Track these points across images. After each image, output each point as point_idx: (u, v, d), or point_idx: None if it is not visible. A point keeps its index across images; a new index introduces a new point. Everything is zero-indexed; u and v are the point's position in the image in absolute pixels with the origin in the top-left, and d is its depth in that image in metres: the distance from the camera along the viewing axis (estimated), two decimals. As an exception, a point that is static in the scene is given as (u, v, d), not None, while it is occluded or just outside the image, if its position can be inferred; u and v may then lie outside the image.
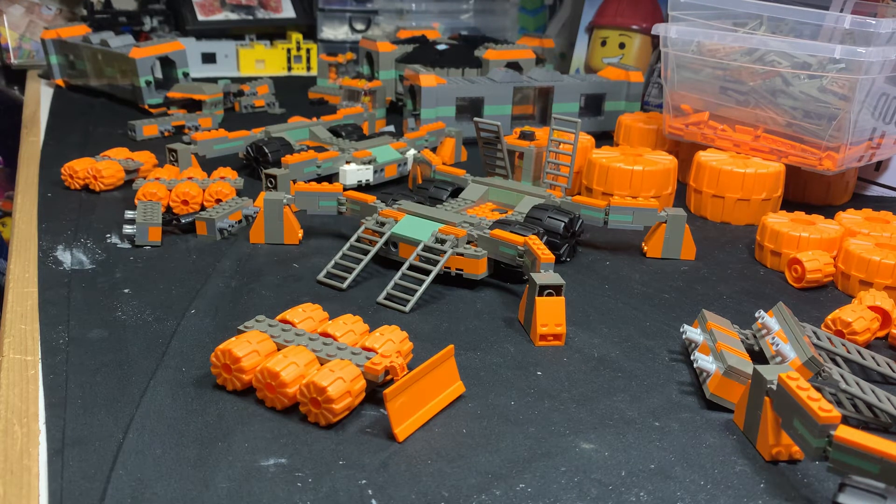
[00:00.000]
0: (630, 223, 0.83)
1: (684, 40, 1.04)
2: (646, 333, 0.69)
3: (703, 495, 0.49)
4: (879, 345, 0.71)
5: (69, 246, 0.81)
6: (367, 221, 0.80)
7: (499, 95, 1.25)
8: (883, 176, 1.11)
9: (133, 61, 1.33)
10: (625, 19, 1.51)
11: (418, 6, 1.81)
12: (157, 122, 1.23)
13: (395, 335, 0.60)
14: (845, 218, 0.88)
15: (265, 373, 0.54)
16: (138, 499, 0.46)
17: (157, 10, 1.74)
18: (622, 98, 1.32)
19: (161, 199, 0.89)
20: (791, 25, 0.99)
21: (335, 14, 1.78)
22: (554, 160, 0.89)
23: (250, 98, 1.42)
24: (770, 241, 0.84)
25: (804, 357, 0.58)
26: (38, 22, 1.74)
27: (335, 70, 1.58)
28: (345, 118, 1.22)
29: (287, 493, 0.47)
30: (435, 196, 0.90)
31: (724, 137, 1.05)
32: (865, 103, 0.94)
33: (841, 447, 0.45)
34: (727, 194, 0.96)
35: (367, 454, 0.51)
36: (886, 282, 0.76)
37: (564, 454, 0.52)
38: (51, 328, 0.65)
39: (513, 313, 0.71)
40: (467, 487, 0.48)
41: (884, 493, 0.43)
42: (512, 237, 0.74)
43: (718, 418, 0.57)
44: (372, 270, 0.78)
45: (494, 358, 0.64)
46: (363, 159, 1.01)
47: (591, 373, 0.62)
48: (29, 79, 1.62)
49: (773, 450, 0.52)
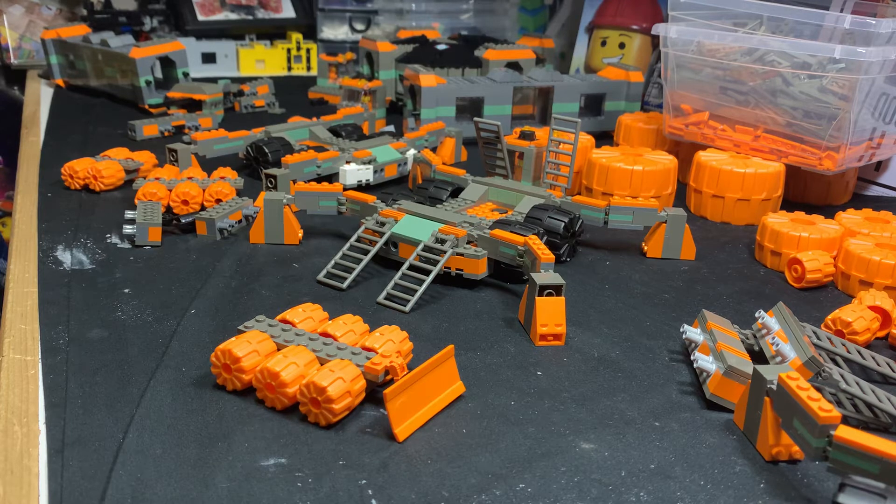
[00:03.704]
0: (630, 223, 0.83)
1: (684, 40, 1.04)
2: (646, 333, 0.69)
3: (703, 495, 0.49)
4: (879, 345, 0.71)
5: (69, 246, 0.81)
6: (367, 221, 0.80)
7: (499, 95, 1.25)
8: (883, 176, 1.11)
9: (133, 61, 1.33)
10: (625, 19, 1.51)
11: (418, 6, 1.81)
12: (157, 122, 1.23)
13: (396, 335, 0.60)
14: (845, 218, 0.88)
15: (265, 373, 0.54)
16: (138, 499, 0.46)
17: (157, 10, 1.74)
18: (622, 98, 1.32)
19: (161, 199, 0.89)
20: (791, 25, 0.99)
21: (335, 14, 1.78)
22: (554, 160, 0.89)
23: (250, 98, 1.42)
24: (770, 241, 0.84)
25: (804, 357, 0.58)
26: (38, 22, 1.74)
27: (335, 70, 1.58)
28: (345, 118, 1.22)
29: (287, 493, 0.47)
30: (435, 196, 0.90)
31: (724, 137, 1.05)
32: (865, 103, 0.94)
33: (841, 447, 0.45)
34: (727, 194, 0.96)
35: (367, 454, 0.51)
36: (886, 282, 0.76)
37: (564, 454, 0.52)
38: (51, 328, 0.65)
39: (513, 313, 0.71)
40: (467, 487, 0.48)
41: (884, 493, 0.43)
42: (512, 237, 0.74)
43: (718, 418, 0.57)
44: (372, 270, 0.78)
45: (494, 358, 0.64)
46: (363, 159, 1.01)
47: (591, 373, 0.62)
48: (29, 79, 1.62)
49: (773, 450, 0.52)
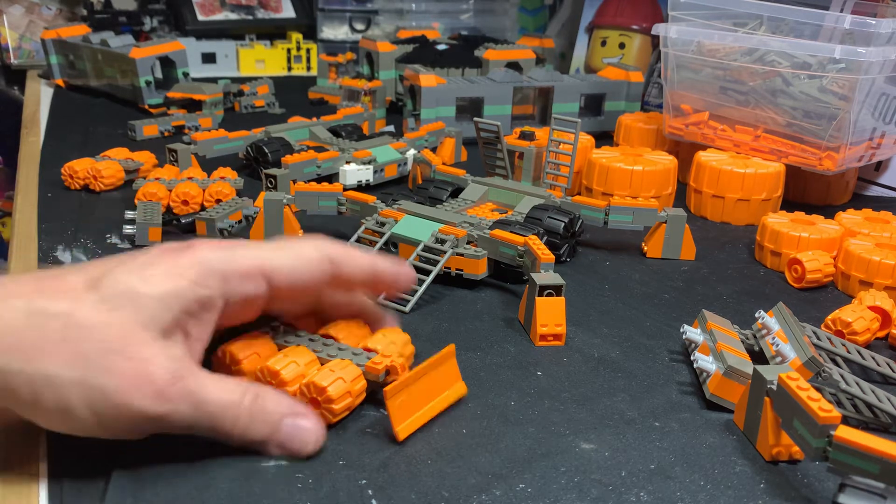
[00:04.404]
0: (630, 223, 0.83)
1: (684, 40, 1.04)
2: (646, 333, 0.69)
3: (704, 495, 0.49)
4: (879, 345, 0.71)
5: (69, 246, 0.81)
6: (367, 221, 0.80)
7: (499, 95, 1.25)
8: (883, 176, 1.11)
9: (133, 61, 1.33)
10: (625, 19, 1.51)
11: (418, 6, 1.81)
12: (157, 122, 1.23)
13: (398, 337, 0.60)
14: (845, 218, 0.88)
15: (265, 372, 0.54)
16: (138, 499, 0.46)
17: (157, 10, 1.74)
18: (622, 98, 1.32)
19: (161, 199, 0.89)
20: (791, 25, 0.99)
21: (335, 14, 1.78)
22: (554, 160, 0.89)
23: (250, 98, 1.42)
24: (770, 241, 0.84)
25: (804, 357, 0.58)
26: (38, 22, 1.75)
27: (335, 70, 1.58)
28: (345, 118, 1.22)
29: (287, 493, 0.47)
30: (435, 196, 0.90)
31: (724, 137, 1.05)
32: (865, 103, 0.94)
33: (841, 447, 0.45)
34: (727, 194, 0.96)
35: (367, 454, 0.51)
36: (886, 282, 0.76)
37: (564, 454, 0.52)
38: (51, 328, 0.64)
39: (513, 313, 0.71)
40: (467, 487, 0.48)
41: (884, 494, 0.43)
42: (512, 237, 0.74)
43: (718, 418, 0.57)
44: (372, 270, 0.78)
45: (494, 358, 0.64)
46: (363, 159, 1.01)
47: (591, 373, 0.62)
48: (29, 79, 1.62)
49: (774, 450, 0.52)
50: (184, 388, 0.46)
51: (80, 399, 0.44)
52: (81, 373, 0.44)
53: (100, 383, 0.44)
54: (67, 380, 0.44)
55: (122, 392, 0.44)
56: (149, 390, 0.45)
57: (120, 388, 0.44)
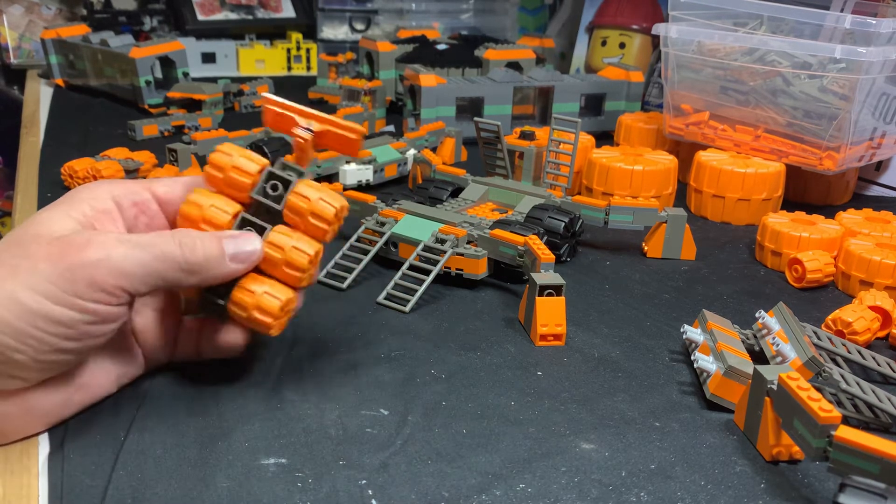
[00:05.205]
0: (630, 223, 0.83)
1: (684, 40, 1.04)
2: (646, 333, 0.69)
3: (704, 495, 0.49)
4: (880, 345, 0.71)
5: (69, 246, 0.81)
6: (367, 221, 0.80)
7: (499, 95, 1.25)
8: (883, 176, 1.11)
9: (133, 61, 1.33)
10: (625, 19, 1.51)
11: (418, 6, 1.81)
12: (157, 122, 1.23)
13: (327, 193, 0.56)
14: (846, 218, 0.88)
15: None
16: (138, 499, 0.46)
17: (157, 9, 1.74)
18: (622, 98, 1.32)
19: (161, 199, 0.89)
20: (791, 25, 0.99)
21: (335, 14, 1.78)
22: (554, 160, 0.89)
23: (250, 98, 1.42)
24: (770, 241, 0.84)
25: (805, 357, 0.58)
26: (38, 22, 1.75)
27: (335, 70, 1.58)
28: (345, 118, 1.22)
29: (287, 493, 0.47)
30: (435, 196, 0.90)
31: (725, 137, 1.05)
32: (866, 103, 0.94)
33: (841, 447, 0.45)
34: (727, 194, 0.96)
35: (367, 454, 0.51)
36: (887, 282, 0.76)
37: (564, 454, 0.52)
38: (51, 328, 0.64)
39: (513, 313, 0.71)
40: (467, 488, 0.48)
41: (884, 493, 0.43)
42: (512, 237, 0.74)
43: (718, 418, 0.57)
44: (372, 270, 0.78)
45: (494, 358, 0.64)
46: (363, 159, 1.01)
47: (591, 373, 0.62)
48: (29, 79, 1.62)
49: (774, 450, 0.52)
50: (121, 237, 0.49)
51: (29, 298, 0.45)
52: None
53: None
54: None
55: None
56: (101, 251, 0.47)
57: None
